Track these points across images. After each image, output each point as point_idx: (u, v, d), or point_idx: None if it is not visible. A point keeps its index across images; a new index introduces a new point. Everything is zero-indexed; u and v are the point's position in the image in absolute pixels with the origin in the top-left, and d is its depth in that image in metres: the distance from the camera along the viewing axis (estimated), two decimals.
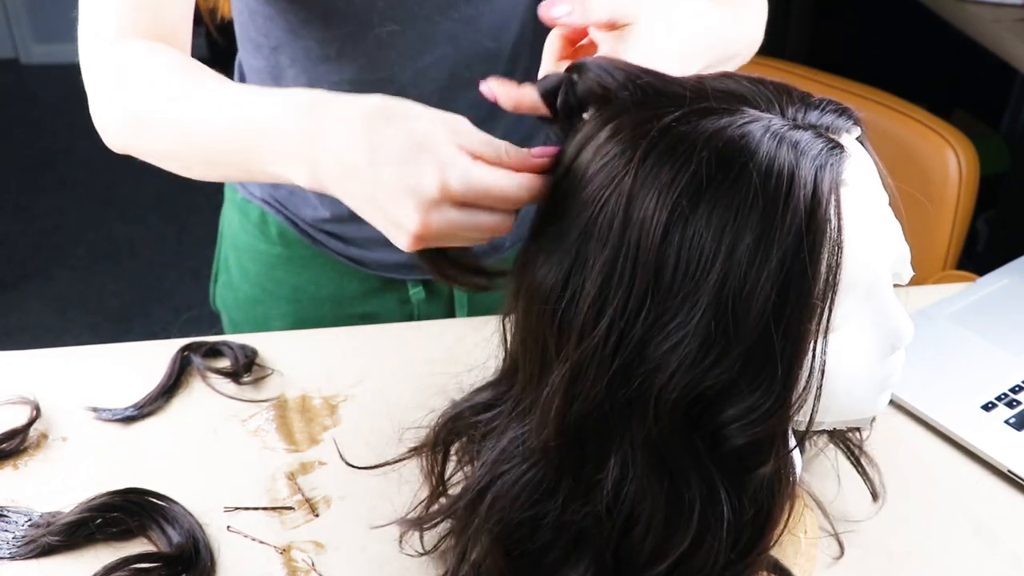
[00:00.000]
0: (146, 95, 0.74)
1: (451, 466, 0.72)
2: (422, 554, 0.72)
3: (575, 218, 0.57)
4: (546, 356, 0.60)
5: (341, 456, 0.82)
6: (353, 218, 1.03)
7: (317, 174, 0.62)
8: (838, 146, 0.56)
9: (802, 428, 0.60)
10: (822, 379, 0.57)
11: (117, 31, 0.77)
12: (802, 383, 0.56)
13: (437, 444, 0.71)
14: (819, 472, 0.81)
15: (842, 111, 0.59)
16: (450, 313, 1.11)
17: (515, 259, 0.63)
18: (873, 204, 0.58)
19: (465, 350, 0.71)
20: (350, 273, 1.07)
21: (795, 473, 0.62)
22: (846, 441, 0.79)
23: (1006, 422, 0.89)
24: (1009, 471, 0.84)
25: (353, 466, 0.81)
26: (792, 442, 0.61)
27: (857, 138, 0.60)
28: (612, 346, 0.55)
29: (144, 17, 0.78)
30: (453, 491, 0.72)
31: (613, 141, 0.56)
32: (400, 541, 0.74)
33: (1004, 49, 1.89)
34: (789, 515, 0.62)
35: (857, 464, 0.79)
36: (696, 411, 0.57)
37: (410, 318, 1.10)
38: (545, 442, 0.60)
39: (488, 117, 0.74)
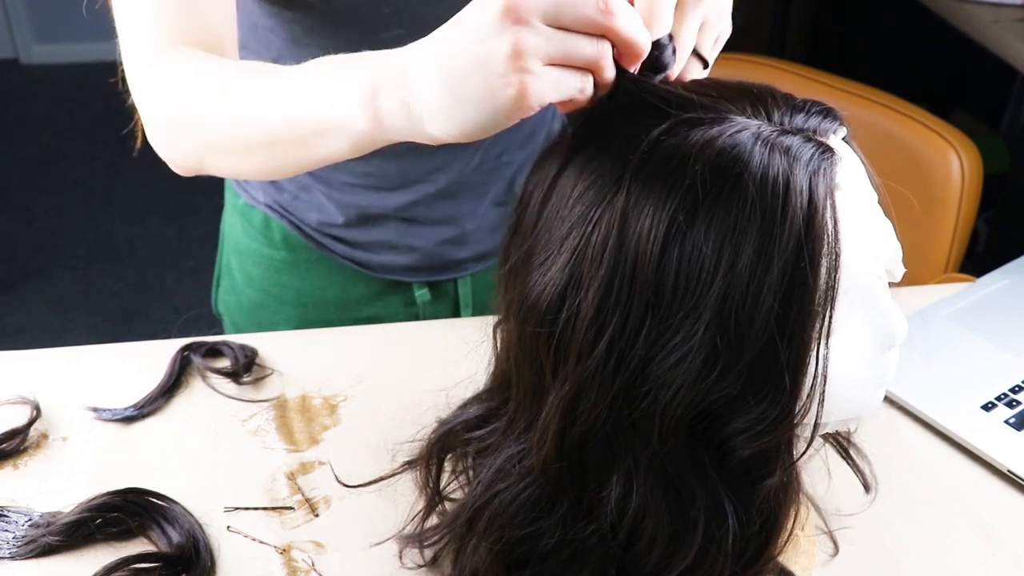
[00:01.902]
0: (193, 93, 0.71)
1: (446, 476, 0.72)
2: (421, 566, 0.72)
3: (566, 238, 0.55)
4: (542, 377, 0.59)
5: (335, 475, 0.82)
6: (360, 222, 1.05)
7: (377, 102, 0.58)
8: (829, 150, 0.56)
9: (806, 434, 0.60)
10: (825, 384, 0.56)
11: (159, 45, 0.74)
12: (806, 390, 0.56)
13: (431, 458, 0.71)
14: (809, 467, 0.80)
15: (827, 112, 0.58)
16: (455, 315, 1.12)
17: (499, 267, 0.62)
18: (865, 205, 0.58)
19: (466, 350, 0.71)
20: (355, 276, 1.07)
21: (800, 481, 0.62)
22: (835, 435, 0.79)
23: (1006, 422, 0.89)
24: (1009, 471, 0.84)
25: (347, 485, 0.81)
26: (799, 450, 0.60)
27: (843, 138, 0.59)
28: (613, 366, 0.55)
29: (185, 26, 0.74)
30: (451, 499, 0.72)
31: (600, 157, 0.56)
32: (400, 556, 0.74)
33: (1004, 49, 1.89)
34: (794, 522, 0.62)
35: (847, 458, 0.79)
36: (701, 426, 0.56)
37: (416, 320, 1.10)
38: (544, 462, 0.59)
39: None
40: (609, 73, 0.55)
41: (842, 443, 0.79)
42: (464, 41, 0.53)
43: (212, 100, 0.69)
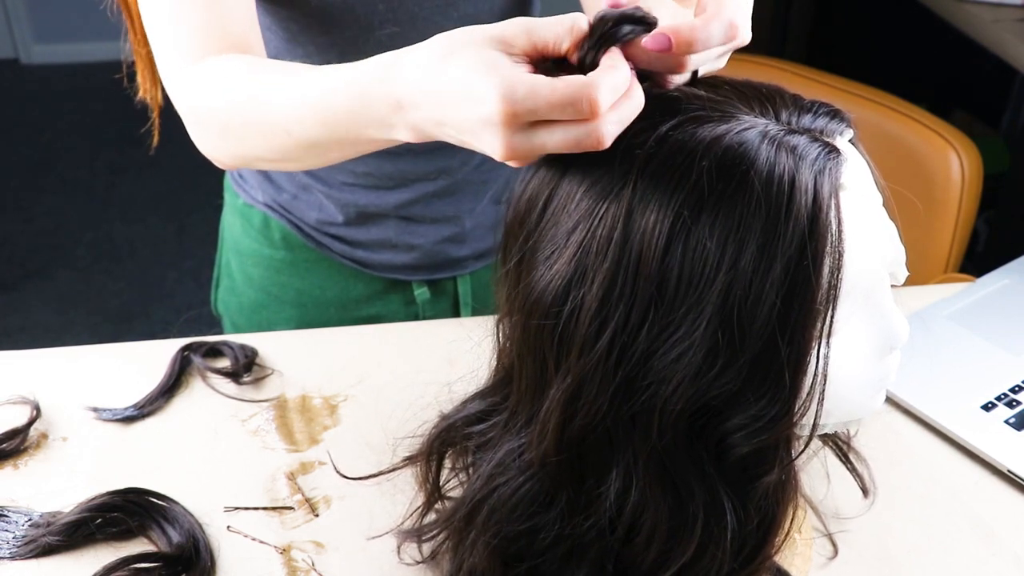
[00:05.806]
0: (232, 102, 0.73)
1: (446, 472, 0.72)
2: (419, 562, 0.72)
3: (572, 232, 0.56)
4: (544, 371, 0.59)
5: (334, 466, 0.82)
6: (360, 221, 1.05)
7: (416, 127, 0.60)
8: (835, 150, 0.56)
9: (805, 433, 0.60)
10: (825, 383, 0.56)
11: (191, 55, 0.76)
12: (806, 388, 0.56)
13: (431, 454, 0.71)
14: (809, 470, 0.81)
15: (834, 114, 0.58)
16: (455, 313, 1.12)
17: (501, 264, 0.62)
18: (869, 207, 0.58)
19: (467, 347, 0.71)
20: (355, 276, 1.07)
21: (798, 480, 0.62)
22: (835, 438, 0.79)
23: (1006, 422, 0.89)
24: (1009, 471, 0.84)
25: (347, 477, 0.81)
26: (797, 449, 0.61)
27: (850, 140, 0.60)
28: (615, 360, 0.55)
29: (213, 34, 0.76)
30: (450, 495, 0.72)
31: (607, 153, 0.55)
32: (398, 551, 0.74)
33: (1004, 49, 1.89)
34: (791, 521, 0.62)
35: (846, 461, 0.79)
36: (700, 421, 0.57)
37: (415, 319, 1.10)
38: (544, 456, 0.59)
39: None
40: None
41: (842, 447, 0.79)
42: (463, 126, 0.56)
43: (252, 118, 0.71)
